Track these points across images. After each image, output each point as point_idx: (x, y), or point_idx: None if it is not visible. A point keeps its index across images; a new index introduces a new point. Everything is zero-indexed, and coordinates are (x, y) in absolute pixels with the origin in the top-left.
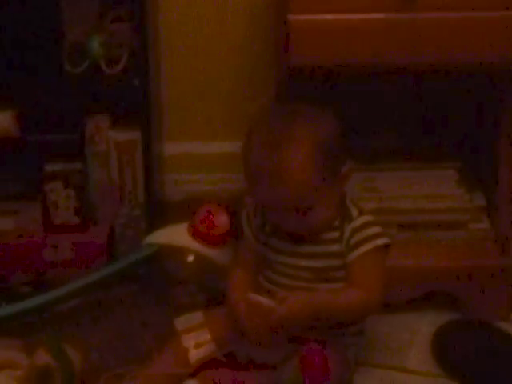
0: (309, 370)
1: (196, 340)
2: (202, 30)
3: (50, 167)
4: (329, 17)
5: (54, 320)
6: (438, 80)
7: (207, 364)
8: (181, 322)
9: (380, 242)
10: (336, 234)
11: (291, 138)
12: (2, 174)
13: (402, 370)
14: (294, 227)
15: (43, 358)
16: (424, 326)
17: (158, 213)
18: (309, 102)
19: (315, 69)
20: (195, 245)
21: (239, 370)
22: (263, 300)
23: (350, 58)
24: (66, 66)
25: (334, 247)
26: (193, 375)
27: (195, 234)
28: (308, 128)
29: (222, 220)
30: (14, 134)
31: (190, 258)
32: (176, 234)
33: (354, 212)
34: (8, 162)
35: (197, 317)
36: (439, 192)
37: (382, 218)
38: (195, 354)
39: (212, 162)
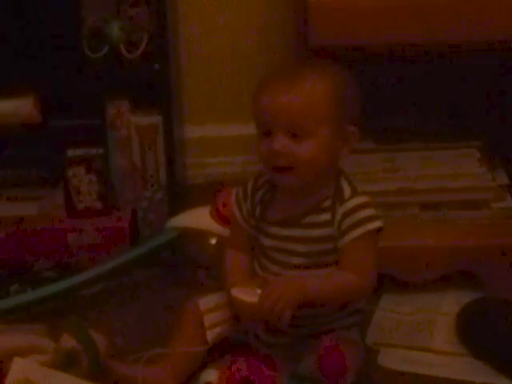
0: (327, 368)
1: (214, 320)
2: (221, 12)
3: (71, 152)
4: None
5: (78, 305)
6: (460, 58)
7: (225, 350)
8: (204, 302)
9: (371, 226)
10: (327, 217)
11: (312, 72)
12: (25, 160)
13: (426, 350)
14: (283, 158)
15: (69, 342)
16: (447, 305)
17: (180, 196)
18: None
19: (335, 49)
20: (218, 228)
21: (256, 357)
22: (245, 298)
23: (371, 37)
24: (86, 52)
25: (326, 231)
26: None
27: (217, 216)
28: (328, 73)
29: None
30: (36, 120)
31: (213, 241)
32: (198, 218)
33: (347, 192)
34: (30, 147)
35: (220, 297)
36: (461, 171)
37: (403, 198)
38: (209, 334)
39: (233, 145)
